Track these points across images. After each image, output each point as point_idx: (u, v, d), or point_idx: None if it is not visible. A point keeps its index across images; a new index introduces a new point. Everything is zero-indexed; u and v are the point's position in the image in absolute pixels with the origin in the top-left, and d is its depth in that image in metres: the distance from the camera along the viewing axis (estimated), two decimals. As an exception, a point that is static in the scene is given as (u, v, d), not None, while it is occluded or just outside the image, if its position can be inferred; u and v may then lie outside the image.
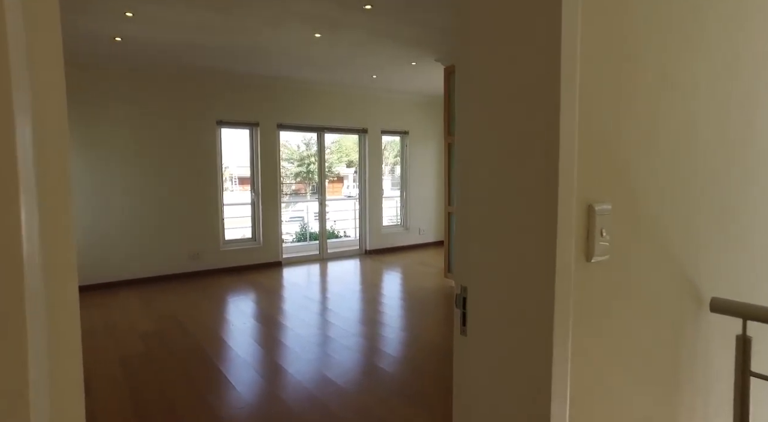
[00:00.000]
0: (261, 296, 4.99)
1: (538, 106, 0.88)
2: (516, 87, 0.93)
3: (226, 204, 6.25)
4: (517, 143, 0.93)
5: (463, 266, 1.09)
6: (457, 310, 1.12)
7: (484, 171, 1.01)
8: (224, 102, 5.95)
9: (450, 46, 4.67)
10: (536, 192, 0.89)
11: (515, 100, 0.93)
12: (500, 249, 0.98)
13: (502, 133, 0.96)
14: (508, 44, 0.94)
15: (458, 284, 1.11)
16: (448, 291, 5.16)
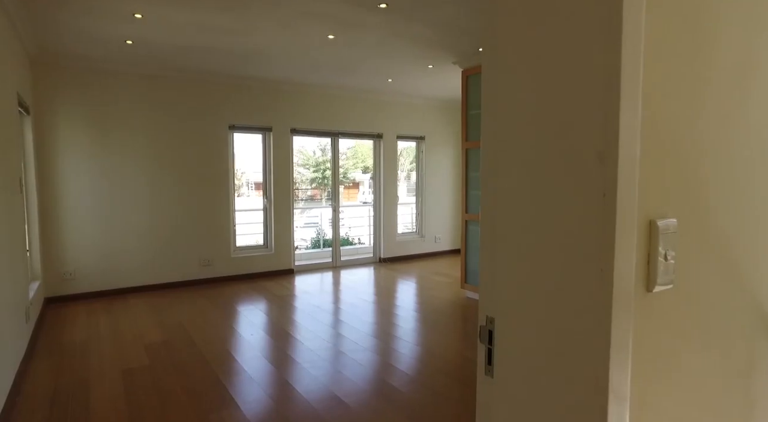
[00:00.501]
0: (271, 305, 4.85)
1: (593, 103, 0.70)
2: (563, 79, 0.74)
3: (237, 210, 6.15)
4: (563, 146, 0.74)
5: (490, 291, 0.91)
6: (482, 345, 0.94)
7: (518, 178, 0.82)
8: (237, 106, 5.86)
9: (469, 47, 4.49)
10: (588, 204, 0.70)
11: (561, 95, 0.75)
12: (539, 273, 0.79)
13: (544, 134, 0.78)
14: (554, 26, 0.76)
15: (483, 313, 0.93)
16: (465, 302, 4.94)
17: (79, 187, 4.96)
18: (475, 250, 4.99)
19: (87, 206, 5.01)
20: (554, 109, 0.76)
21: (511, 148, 0.84)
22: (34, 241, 4.45)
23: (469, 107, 4.94)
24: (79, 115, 4.92)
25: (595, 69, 0.69)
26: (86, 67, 4.88)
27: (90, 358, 3.40)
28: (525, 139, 0.81)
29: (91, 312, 4.54)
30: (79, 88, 4.90)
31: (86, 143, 4.97)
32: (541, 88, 0.78)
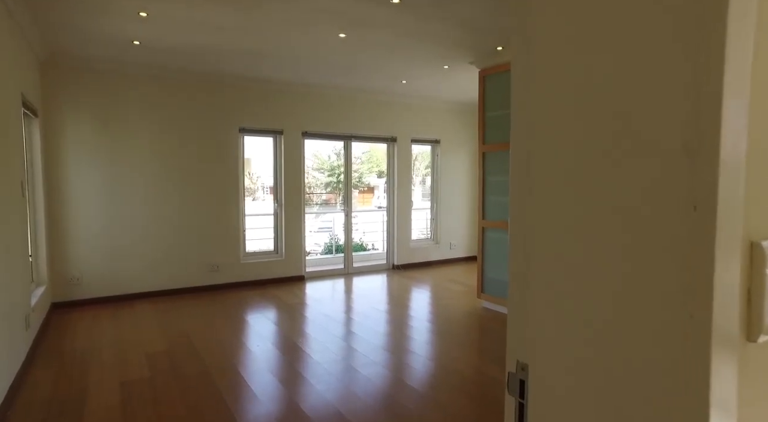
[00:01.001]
0: (280, 314, 4.68)
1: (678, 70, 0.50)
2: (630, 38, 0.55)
3: (248, 214, 6.02)
4: (630, 138, 0.55)
5: (522, 329, 0.71)
6: (510, 398, 0.74)
7: (562, 186, 0.63)
8: (247, 109, 5.74)
9: (486, 46, 4.29)
10: (669, 220, 0.50)
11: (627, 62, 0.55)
12: (592, 313, 0.59)
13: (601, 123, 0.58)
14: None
15: (513, 357, 0.73)
16: (481, 313, 4.71)
17: (87, 190, 4.87)
18: (492, 258, 4.76)
19: (94, 210, 4.92)
20: (618, 83, 0.56)
21: (553, 147, 0.64)
22: (40, 245, 4.37)
23: (487, 109, 4.72)
24: (88, 117, 4.85)
25: (689, 44, 0.49)
26: (95, 68, 4.81)
27: (89, 368, 3.26)
28: (571, 133, 0.61)
29: (96, 319, 4.43)
30: (88, 91, 4.82)
31: (94, 146, 4.89)
32: (598, 56, 0.58)
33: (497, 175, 4.66)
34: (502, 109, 4.53)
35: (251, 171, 16.42)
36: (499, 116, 4.59)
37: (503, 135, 4.53)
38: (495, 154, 4.66)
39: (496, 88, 4.61)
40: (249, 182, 15.96)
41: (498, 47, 4.28)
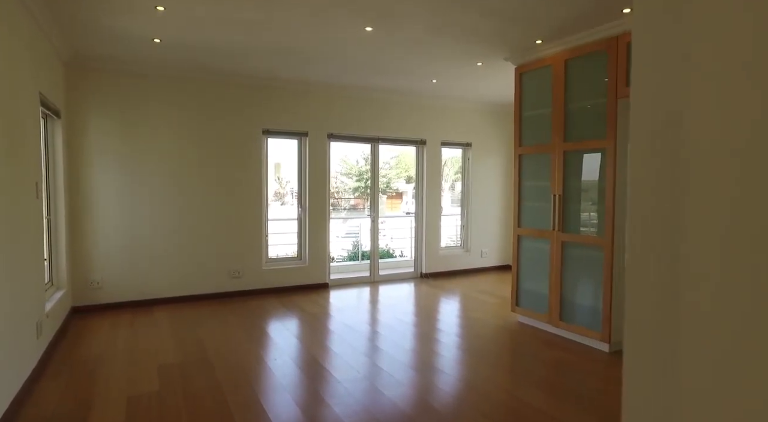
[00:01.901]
0: (301, 325, 4.46)
1: None
2: None
3: (270, 219, 5.84)
4: None
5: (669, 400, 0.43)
6: None
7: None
8: (271, 110, 5.58)
9: (523, 39, 3.96)
10: None
11: None
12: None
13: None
14: None
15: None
16: (515, 328, 4.35)
17: (109, 193, 4.80)
18: (528, 269, 4.41)
19: (116, 212, 4.84)
20: None
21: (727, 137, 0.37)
22: (60, 249, 4.29)
23: (524, 108, 4.39)
24: (111, 119, 4.77)
25: None
26: (118, 70, 4.74)
27: (98, 380, 3.11)
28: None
29: (113, 325, 4.31)
30: (111, 92, 4.75)
31: (116, 148, 4.82)
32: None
33: (534, 179, 4.31)
34: (540, 108, 4.19)
35: (280, 175, 16.46)
36: (536, 116, 4.25)
37: (541, 136, 4.19)
38: (532, 157, 4.31)
39: (534, 86, 4.27)
40: (278, 186, 16.00)
41: (537, 40, 3.95)
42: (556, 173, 4.03)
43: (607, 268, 3.65)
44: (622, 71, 3.47)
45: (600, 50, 3.64)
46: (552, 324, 4.15)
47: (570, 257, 3.98)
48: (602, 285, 3.69)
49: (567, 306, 4.02)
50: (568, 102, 3.92)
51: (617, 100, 3.52)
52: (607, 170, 3.61)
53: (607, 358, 3.61)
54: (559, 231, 4.03)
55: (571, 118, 3.92)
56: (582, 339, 3.92)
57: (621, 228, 3.64)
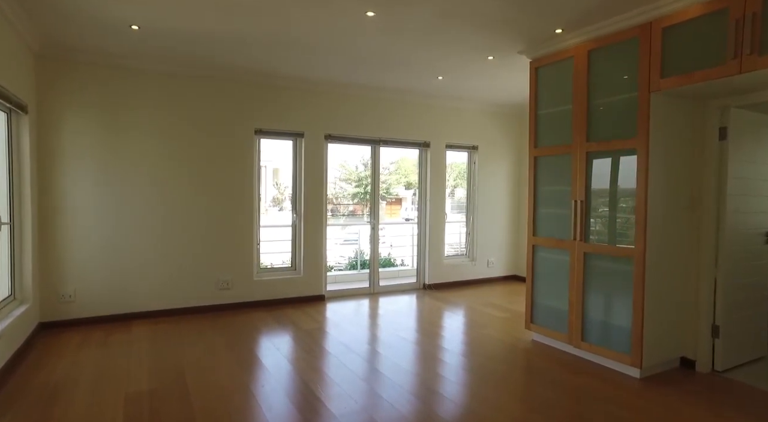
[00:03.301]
0: (293, 344, 4.02)
1: None
2: None
3: (263, 225, 5.42)
4: None
5: None
6: None
7: None
8: (264, 108, 5.17)
9: (540, 29, 3.57)
10: None
11: None
12: None
13: None
14: None
15: None
16: (530, 347, 3.92)
17: (84, 197, 4.37)
18: (545, 282, 3.99)
19: (92, 218, 4.41)
20: None
21: None
22: (25, 258, 3.86)
23: (540, 106, 3.99)
24: (87, 116, 4.36)
25: None
26: (94, 61, 4.33)
27: (53, 413, 2.67)
28: None
29: (83, 344, 3.87)
30: (88, 86, 4.35)
31: (94, 147, 4.40)
32: None
33: (552, 183, 3.90)
34: (559, 105, 3.79)
35: (279, 181, 16.07)
36: (554, 114, 3.85)
37: (560, 136, 3.78)
38: (549, 159, 3.91)
39: (552, 81, 3.88)
40: (277, 192, 15.60)
41: (557, 29, 3.56)
42: (577, 176, 3.62)
43: (638, 282, 3.23)
44: (657, 60, 3.07)
45: (630, 39, 3.24)
46: (573, 345, 3.72)
47: (593, 270, 3.56)
48: (632, 301, 3.28)
49: (590, 324, 3.60)
50: (591, 98, 3.53)
51: (650, 93, 3.12)
52: (638, 172, 3.20)
53: (639, 386, 3.18)
54: (581, 240, 3.61)
55: (595, 115, 3.52)
56: (608, 362, 3.50)
57: (655, 237, 3.23)
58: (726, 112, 3.34)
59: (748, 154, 3.54)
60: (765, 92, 3.09)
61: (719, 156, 3.37)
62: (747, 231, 3.59)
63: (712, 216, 3.39)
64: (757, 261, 3.71)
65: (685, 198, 3.43)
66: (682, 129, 3.37)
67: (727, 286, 3.42)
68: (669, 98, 3.23)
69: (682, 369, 3.47)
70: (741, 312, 3.54)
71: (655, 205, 3.23)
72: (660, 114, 3.19)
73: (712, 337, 3.43)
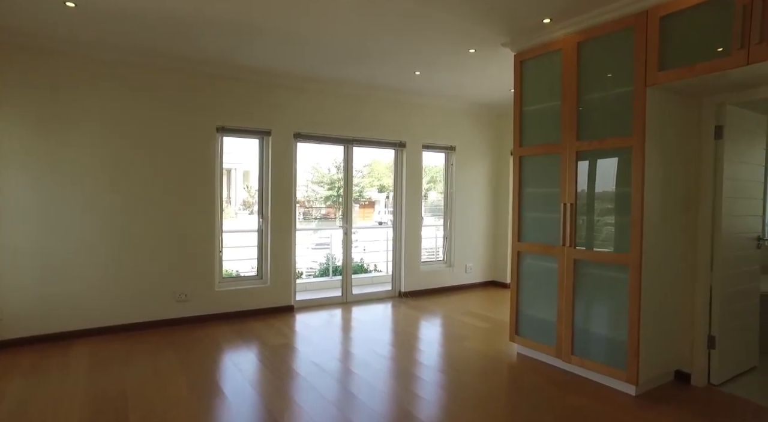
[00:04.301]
0: (259, 365, 3.61)
1: None
2: None
3: (226, 231, 4.98)
4: None
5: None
6: None
7: None
8: (228, 104, 4.75)
9: (527, 18, 3.30)
10: None
11: None
12: None
13: None
14: None
15: None
16: (515, 362, 3.64)
17: (17, 201, 3.85)
18: (531, 291, 3.72)
19: (26, 225, 3.89)
20: None
21: None
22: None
23: (525, 102, 3.73)
24: (19, 110, 3.85)
25: None
26: (28, 46, 3.82)
27: (-42, 462, 2.20)
28: None
29: (6, 372, 3.36)
30: (20, 76, 3.83)
31: (28, 145, 3.88)
32: None
33: (539, 185, 3.64)
34: (547, 101, 3.53)
35: (250, 184, 15.44)
36: (541, 111, 3.59)
37: (548, 134, 3.53)
38: (536, 158, 3.65)
39: (538, 76, 3.62)
40: (247, 195, 14.98)
41: (544, 19, 3.30)
42: (567, 177, 3.37)
43: (633, 291, 2.98)
44: (654, 52, 2.84)
45: (624, 29, 3.01)
46: (561, 359, 3.45)
47: (584, 278, 3.31)
48: (628, 312, 3.03)
49: (581, 337, 3.34)
50: (582, 93, 3.28)
51: (646, 88, 2.89)
52: (634, 173, 2.96)
53: (635, 404, 2.93)
54: (571, 246, 3.36)
55: (586, 112, 3.27)
56: (600, 378, 3.24)
57: (651, 242, 2.99)
58: (722, 110, 3.15)
59: (741, 154, 3.36)
60: (764, 88, 2.90)
61: (714, 156, 3.17)
62: (740, 236, 3.42)
63: (707, 219, 3.19)
64: (749, 266, 3.54)
65: (681, 200, 3.22)
66: (678, 127, 3.15)
67: (722, 294, 3.22)
68: (664, 94, 3.01)
69: (677, 384, 3.25)
70: (735, 321, 3.36)
71: (651, 208, 2.99)
72: (656, 110, 2.96)
73: (707, 349, 3.22)
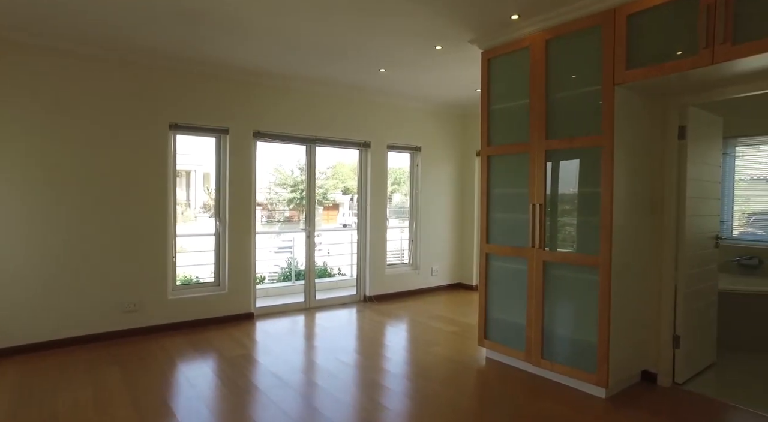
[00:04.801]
0: (214, 377, 3.36)
1: None
2: None
3: (180, 235, 4.67)
4: None
5: None
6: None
7: None
8: (181, 100, 4.45)
9: (495, 14, 3.22)
10: None
11: None
12: None
13: None
14: None
15: None
16: (485, 368, 3.55)
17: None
18: (501, 293, 3.64)
19: (-52, 230, 3.48)
20: None
21: None
22: None
23: (493, 101, 3.65)
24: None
25: None
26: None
27: None
28: None
29: (-72, 393, 2.97)
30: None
31: (-49, 140, 3.49)
32: None
33: (507, 185, 3.57)
34: (515, 99, 3.47)
35: (210, 186, 14.91)
36: (509, 109, 3.52)
37: (517, 134, 3.46)
38: (504, 158, 3.58)
39: (506, 74, 3.55)
40: (208, 198, 14.43)
41: (512, 15, 3.23)
42: (536, 177, 3.31)
43: (603, 293, 2.94)
44: (621, 51, 2.81)
45: (591, 27, 2.97)
46: (531, 363, 3.38)
47: (554, 280, 3.25)
48: (598, 314, 2.99)
49: (551, 340, 3.28)
50: (550, 91, 3.23)
51: (615, 86, 2.86)
52: (603, 173, 2.92)
53: (605, 407, 2.88)
54: (540, 248, 3.29)
55: (554, 110, 3.22)
56: (571, 381, 3.19)
57: (620, 243, 2.96)
58: (685, 111, 3.17)
59: (703, 155, 3.41)
60: (726, 89, 2.93)
61: (678, 156, 3.19)
62: (701, 235, 3.46)
63: (672, 220, 3.20)
64: (709, 265, 3.59)
65: (648, 201, 3.22)
66: (644, 127, 3.15)
67: (686, 293, 3.24)
68: (631, 93, 3.00)
69: (644, 384, 3.24)
70: (697, 319, 3.39)
71: (620, 208, 2.97)
72: (624, 110, 2.94)
73: (673, 348, 3.23)
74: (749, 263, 4.80)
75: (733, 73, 2.64)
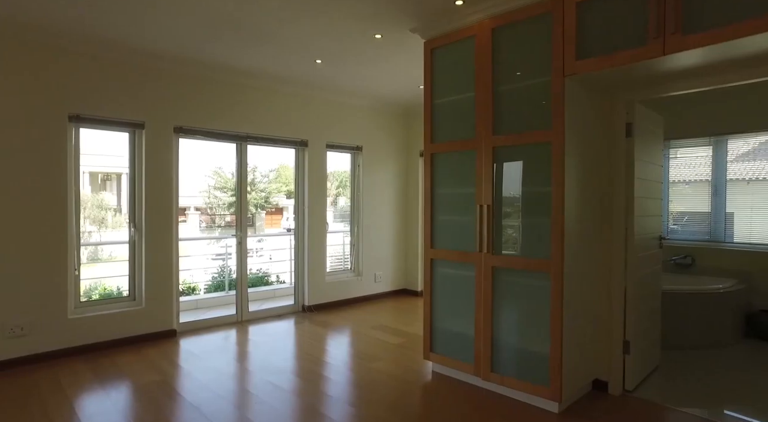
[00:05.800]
0: (115, 412, 2.83)
1: None
2: None
3: (84, 244, 4.05)
4: None
5: None
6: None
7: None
8: (84, 88, 3.85)
9: (437, 2, 2.96)
10: None
11: None
12: None
13: None
14: None
15: None
16: (429, 382, 3.26)
17: None
18: (446, 303, 3.37)
19: None
20: None
21: None
22: None
23: (436, 94, 3.40)
24: None
25: None
26: None
27: None
28: None
29: None
30: None
31: None
32: None
33: (453, 185, 3.31)
34: (460, 92, 3.23)
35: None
36: (453, 103, 3.28)
37: (462, 129, 3.22)
38: (449, 156, 3.32)
39: (450, 65, 3.30)
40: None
41: (457, 1, 2.98)
42: (483, 176, 3.07)
43: (555, 301, 2.74)
44: (571, 40, 2.63)
45: (540, 15, 2.78)
46: (481, 377, 3.14)
47: (503, 287, 3.03)
48: (549, 323, 2.78)
49: (501, 352, 3.05)
50: (497, 84, 3.01)
51: (564, 78, 2.67)
52: (554, 170, 2.72)
53: (558, 421, 2.68)
54: (489, 252, 3.06)
55: (502, 104, 3.00)
56: (522, 396, 2.96)
57: (572, 246, 2.78)
58: (631, 108, 3.06)
59: (648, 153, 3.33)
60: (672, 84, 2.83)
61: (626, 154, 3.07)
62: (647, 236, 3.38)
63: (620, 220, 3.07)
64: (654, 266, 3.52)
65: (597, 200, 3.08)
66: (593, 123, 3.00)
67: (635, 296, 3.13)
68: (580, 87, 2.83)
69: (596, 394, 3.09)
70: (644, 322, 3.30)
71: (572, 208, 2.78)
72: (574, 104, 2.77)
73: (623, 354, 3.10)
74: (683, 262, 4.88)
75: (682, 67, 2.53)
